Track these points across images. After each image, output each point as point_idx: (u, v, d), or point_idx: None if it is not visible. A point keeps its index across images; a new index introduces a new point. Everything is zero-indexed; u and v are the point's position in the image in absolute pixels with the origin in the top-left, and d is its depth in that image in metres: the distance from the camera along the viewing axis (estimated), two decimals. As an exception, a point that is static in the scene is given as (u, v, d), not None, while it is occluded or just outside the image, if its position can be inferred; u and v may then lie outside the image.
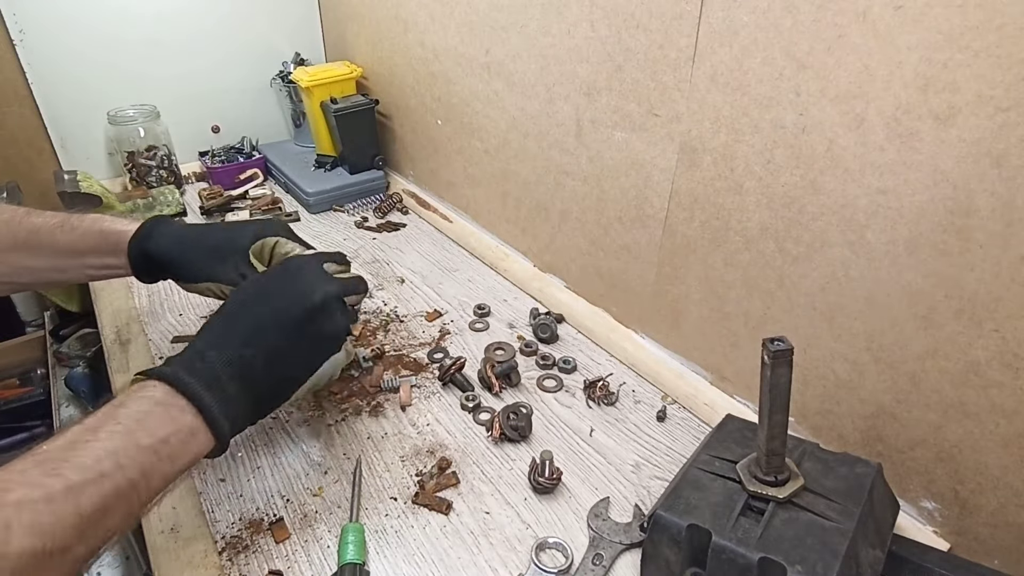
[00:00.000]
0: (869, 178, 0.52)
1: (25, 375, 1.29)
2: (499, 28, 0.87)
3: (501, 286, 1.01)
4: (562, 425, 0.73)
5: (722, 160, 0.64)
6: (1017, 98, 0.43)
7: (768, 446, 0.50)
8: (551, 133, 0.85)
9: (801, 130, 0.56)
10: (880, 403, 0.58)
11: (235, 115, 1.41)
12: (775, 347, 0.46)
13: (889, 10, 0.47)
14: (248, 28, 1.36)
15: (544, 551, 0.59)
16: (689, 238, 0.71)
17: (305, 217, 1.23)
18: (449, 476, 0.66)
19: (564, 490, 0.65)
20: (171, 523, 0.61)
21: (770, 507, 0.50)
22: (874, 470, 0.53)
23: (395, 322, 0.91)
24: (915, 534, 0.57)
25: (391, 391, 0.78)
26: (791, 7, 0.53)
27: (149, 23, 1.25)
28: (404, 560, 0.58)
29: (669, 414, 0.75)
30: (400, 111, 1.24)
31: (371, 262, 1.07)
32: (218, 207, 1.21)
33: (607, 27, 0.71)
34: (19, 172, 1.21)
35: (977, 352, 0.50)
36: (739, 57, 0.58)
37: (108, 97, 1.23)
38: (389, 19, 1.15)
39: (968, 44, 0.44)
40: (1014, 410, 0.49)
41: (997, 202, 0.46)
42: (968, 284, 0.49)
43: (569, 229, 0.89)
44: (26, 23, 1.13)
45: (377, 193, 1.30)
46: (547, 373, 0.81)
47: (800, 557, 0.46)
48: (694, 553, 0.50)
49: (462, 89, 1.01)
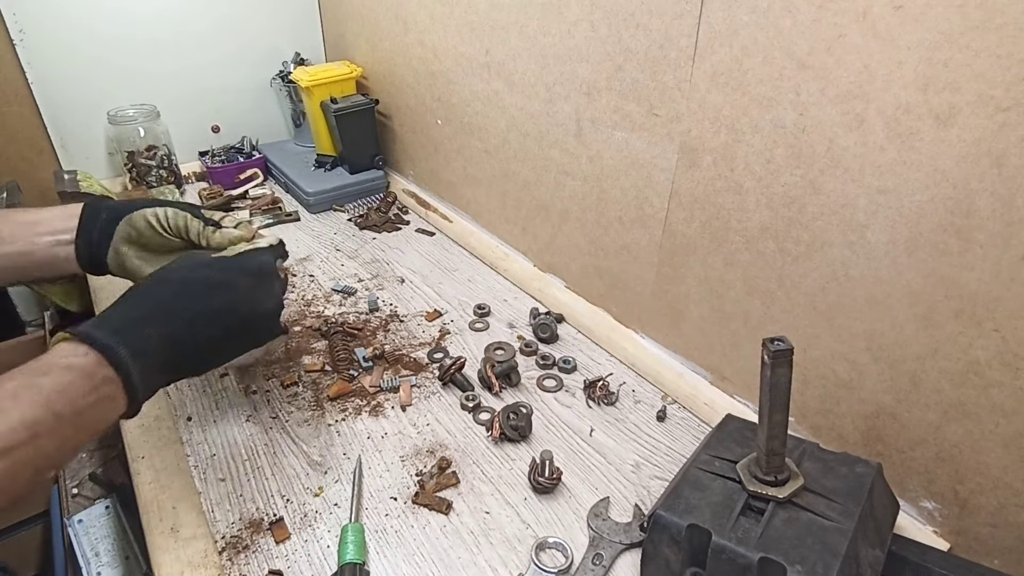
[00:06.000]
0: (869, 178, 0.52)
1: (25, 375, 1.29)
2: (499, 28, 0.87)
3: (501, 286, 1.01)
4: (562, 425, 0.73)
5: (722, 160, 0.64)
6: (1017, 98, 0.43)
7: (768, 446, 0.50)
8: (551, 133, 0.85)
9: (801, 130, 0.56)
10: (880, 403, 0.58)
11: (235, 115, 1.41)
12: (775, 347, 0.46)
13: (889, 10, 0.47)
14: (248, 28, 1.36)
15: (544, 551, 0.59)
16: (689, 238, 0.71)
17: (305, 217, 1.23)
18: (449, 476, 0.66)
19: (564, 490, 0.65)
20: (171, 523, 0.61)
21: (770, 507, 0.50)
22: (874, 470, 0.53)
23: (395, 322, 0.91)
24: (915, 534, 0.57)
25: (391, 391, 0.78)
26: (791, 7, 0.53)
27: (149, 23, 1.25)
28: (404, 560, 0.58)
29: (669, 414, 0.75)
30: (400, 111, 1.24)
31: (371, 262, 1.07)
32: (218, 207, 1.21)
33: (607, 27, 0.71)
34: (19, 172, 1.21)
35: (977, 352, 0.50)
36: (739, 57, 0.58)
37: (108, 97, 1.23)
38: (389, 19, 1.15)
39: (968, 44, 0.44)
40: (1014, 410, 0.49)
41: (997, 202, 0.46)
42: (968, 284, 0.49)
43: (569, 229, 0.89)
44: (26, 23, 1.13)
45: (377, 193, 1.30)
46: (547, 373, 0.81)
47: (800, 557, 0.46)
48: (694, 553, 0.50)
49: (462, 89, 1.01)
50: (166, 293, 0.55)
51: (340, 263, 1.07)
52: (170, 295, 0.55)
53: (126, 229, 0.65)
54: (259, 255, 0.63)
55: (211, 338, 0.56)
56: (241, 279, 0.59)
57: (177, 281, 0.56)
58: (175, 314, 0.53)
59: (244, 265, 0.61)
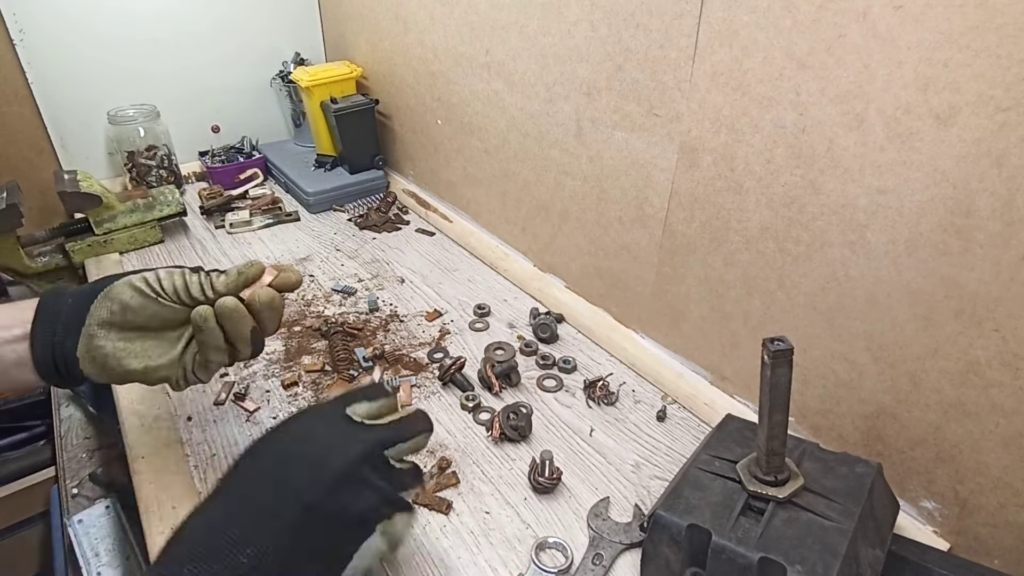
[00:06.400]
0: (869, 178, 0.52)
1: (25, 375, 1.29)
2: (499, 28, 0.87)
3: (501, 286, 1.01)
4: (562, 425, 0.73)
5: (722, 160, 0.64)
6: (1017, 98, 0.43)
7: (768, 446, 0.50)
8: (551, 133, 0.85)
9: (801, 130, 0.56)
10: (880, 403, 0.58)
11: (235, 115, 1.41)
12: (775, 347, 0.46)
13: (889, 10, 0.47)
14: (248, 28, 1.36)
15: (544, 551, 0.59)
16: (689, 238, 0.71)
17: (305, 217, 1.23)
18: (449, 476, 0.66)
19: (564, 490, 0.65)
20: (171, 523, 0.61)
21: (770, 507, 0.50)
22: (874, 470, 0.53)
23: (395, 322, 0.91)
24: (915, 534, 0.57)
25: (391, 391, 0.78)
26: (791, 7, 0.53)
27: (149, 23, 1.25)
28: (404, 560, 0.58)
29: (669, 414, 0.75)
30: (400, 111, 1.24)
31: (371, 262, 1.07)
32: (218, 207, 1.21)
33: (607, 27, 0.71)
34: (19, 172, 1.21)
35: (977, 352, 0.50)
36: (739, 57, 0.58)
37: (108, 97, 1.23)
38: (389, 19, 1.15)
39: (968, 44, 0.44)
40: (1014, 410, 0.49)
41: (997, 202, 0.46)
42: (968, 284, 0.49)
43: (569, 229, 0.89)
44: (26, 23, 1.13)
45: (377, 193, 1.30)
46: (547, 373, 0.81)
47: (800, 557, 0.46)
48: (694, 553, 0.50)
49: (462, 89, 1.01)
50: (200, 519, 0.41)
51: (340, 263, 1.07)
52: (203, 518, 0.41)
53: (104, 306, 0.51)
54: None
55: (281, 549, 0.39)
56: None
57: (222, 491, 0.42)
58: (215, 540, 0.39)
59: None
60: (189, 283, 0.53)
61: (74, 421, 1.02)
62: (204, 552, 0.38)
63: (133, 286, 0.51)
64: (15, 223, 0.97)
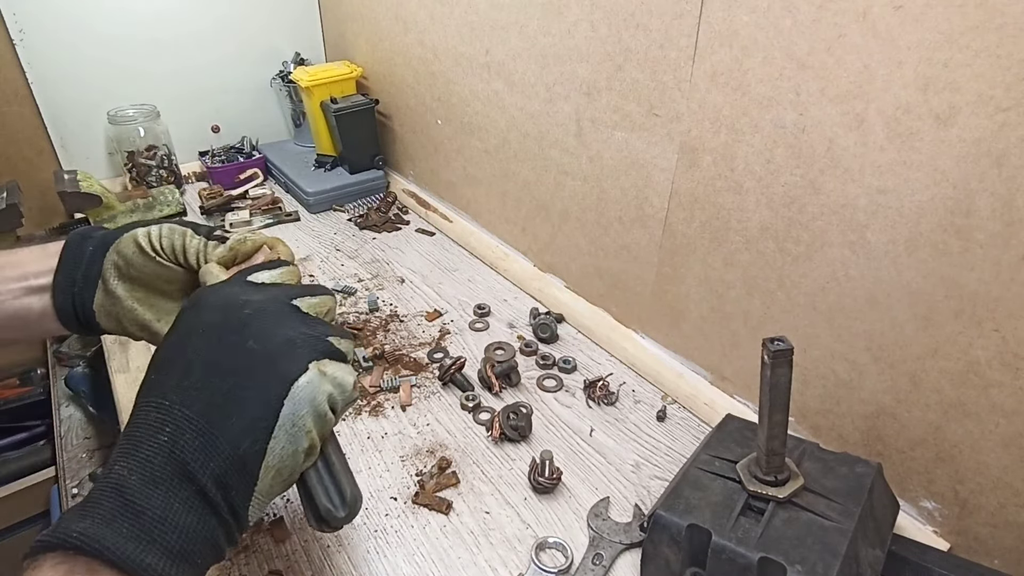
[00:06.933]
0: (869, 178, 0.52)
1: (25, 375, 1.29)
2: (499, 28, 0.87)
3: (501, 286, 1.01)
4: (562, 425, 0.73)
5: (722, 160, 0.64)
6: (1017, 98, 0.43)
7: (768, 446, 0.50)
8: (551, 133, 0.85)
9: (801, 130, 0.56)
10: (880, 403, 0.58)
11: (235, 115, 1.41)
12: (775, 347, 0.46)
13: (889, 10, 0.47)
14: (248, 28, 1.36)
15: (544, 551, 0.59)
16: (689, 238, 0.71)
17: (305, 217, 1.23)
18: (449, 476, 0.66)
19: (564, 490, 0.65)
20: (171, 523, 0.61)
21: (770, 507, 0.50)
22: (874, 470, 0.53)
23: (395, 322, 0.91)
24: (915, 534, 0.57)
25: (391, 391, 0.78)
26: (791, 7, 0.53)
27: (149, 23, 1.25)
28: (404, 560, 0.58)
29: (669, 414, 0.75)
30: (400, 111, 1.24)
31: (371, 262, 1.07)
32: (218, 207, 1.21)
33: (607, 27, 0.71)
34: (19, 172, 1.21)
35: (977, 352, 0.50)
36: (739, 57, 0.58)
37: (108, 97, 1.23)
38: (389, 19, 1.15)
39: (968, 44, 0.44)
40: (1014, 410, 0.49)
41: (997, 202, 0.46)
42: (968, 284, 0.49)
43: (569, 229, 0.89)
44: (26, 23, 1.13)
45: (377, 193, 1.30)
46: (547, 373, 0.81)
47: (800, 557, 0.46)
48: (694, 553, 0.50)
49: (462, 89, 1.01)
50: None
51: (340, 263, 1.07)
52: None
53: (113, 259, 0.49)
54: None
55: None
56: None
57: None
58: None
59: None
60: (188, 246, 0.50)
61: (74, 421, 1.03)
62: (131, 448, 0.37)
63: (136, 241, 0.49)
64: (15, 223, 0.97)
